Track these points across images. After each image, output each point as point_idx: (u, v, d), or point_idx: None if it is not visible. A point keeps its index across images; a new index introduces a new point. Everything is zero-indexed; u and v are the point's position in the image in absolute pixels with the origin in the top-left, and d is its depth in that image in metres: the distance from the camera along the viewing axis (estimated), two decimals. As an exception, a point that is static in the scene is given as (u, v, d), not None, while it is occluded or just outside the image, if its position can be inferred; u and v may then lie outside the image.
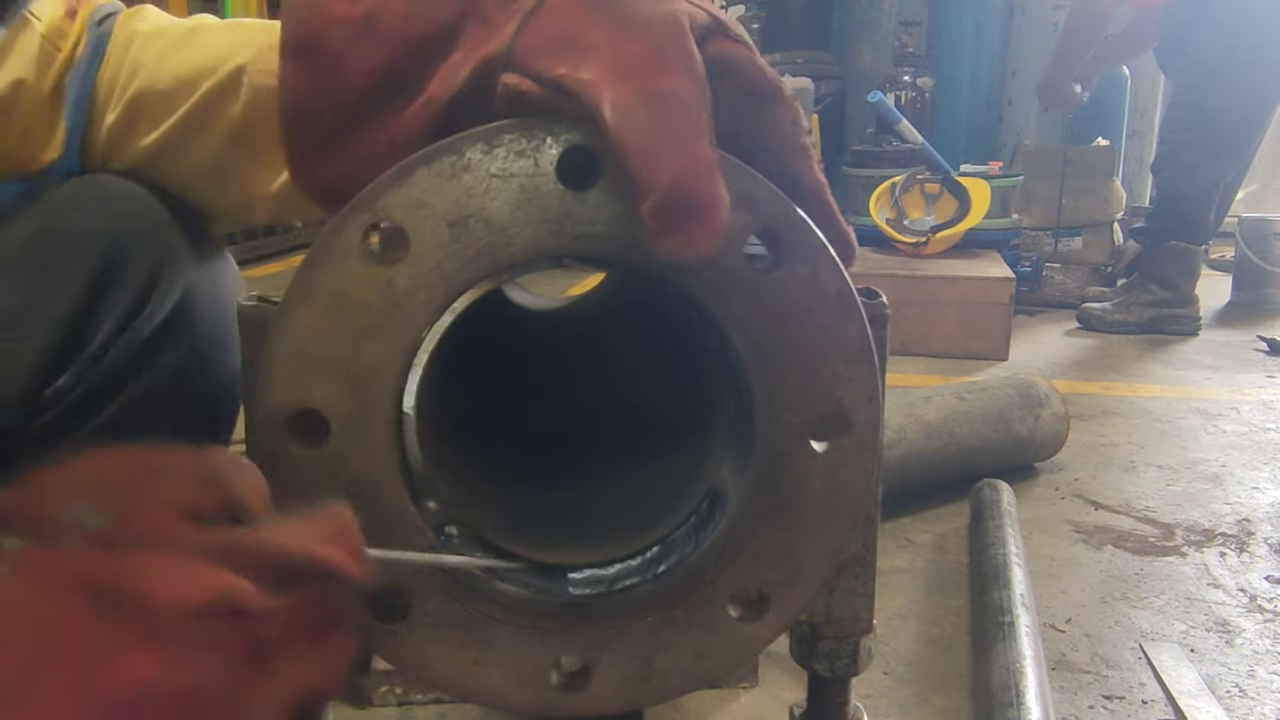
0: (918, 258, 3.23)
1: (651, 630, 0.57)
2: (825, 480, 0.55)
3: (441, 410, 0.62)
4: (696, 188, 0.46)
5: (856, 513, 0.56)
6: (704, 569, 0.56)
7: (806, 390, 0.54)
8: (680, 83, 0.47)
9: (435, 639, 0.55)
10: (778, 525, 0.56)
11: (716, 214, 0.46)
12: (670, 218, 0.46)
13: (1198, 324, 3.29)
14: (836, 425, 0.55)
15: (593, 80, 0.47)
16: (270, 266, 4.16)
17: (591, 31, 0.49)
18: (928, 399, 1.81)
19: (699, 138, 0.46)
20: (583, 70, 0.47)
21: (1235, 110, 3.13)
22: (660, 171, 0.45)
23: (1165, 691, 1.19)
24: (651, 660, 0.57)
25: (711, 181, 0.46)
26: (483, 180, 0.50)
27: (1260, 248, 3.77)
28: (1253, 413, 2.42)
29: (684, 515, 0.59)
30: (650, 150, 0.46)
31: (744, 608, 0.57)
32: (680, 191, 0.45)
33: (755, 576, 0.56)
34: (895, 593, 1.45)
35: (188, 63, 0.74)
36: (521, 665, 0.56)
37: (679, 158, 0.46)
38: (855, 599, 0.67)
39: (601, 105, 0.46)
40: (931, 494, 1.77)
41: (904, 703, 1.18)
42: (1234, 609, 1.42)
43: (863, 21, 4.63)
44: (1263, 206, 5.12)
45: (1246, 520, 1.75)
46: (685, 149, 0.46)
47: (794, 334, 0.53)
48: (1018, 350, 2.95)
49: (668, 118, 0.46)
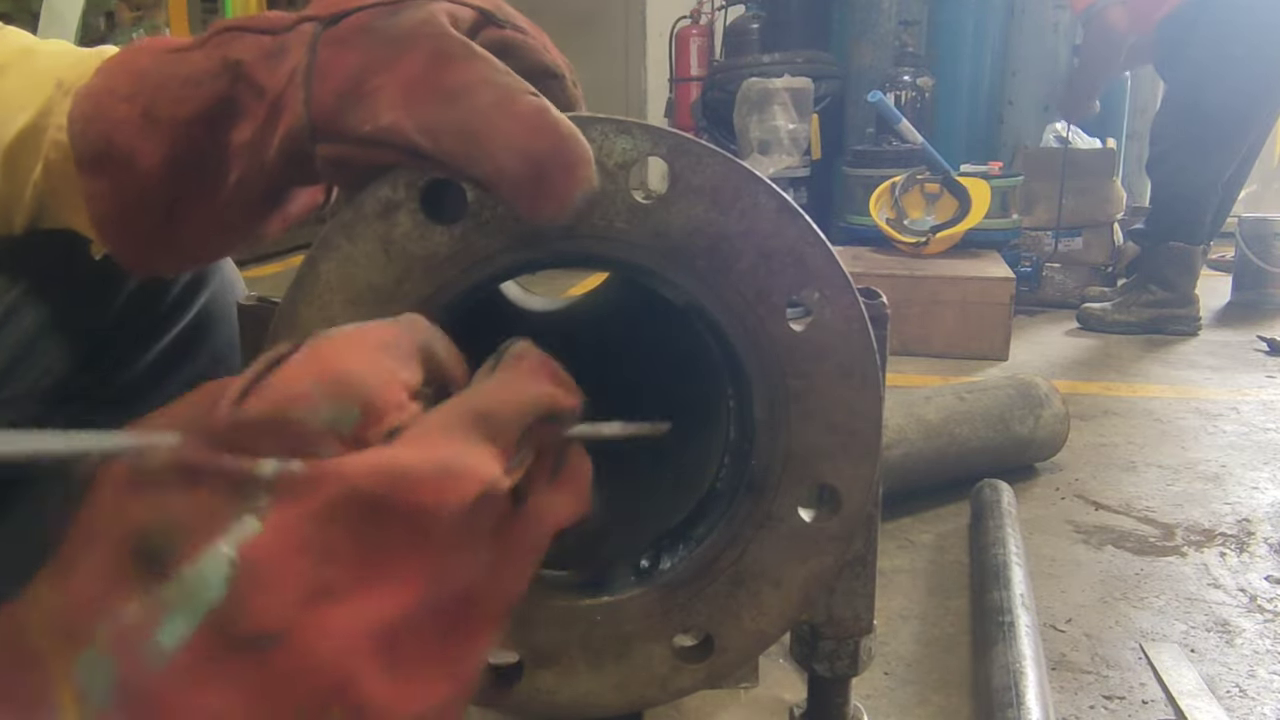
0: (918, 258, 3.23)
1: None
2: (818, 346, 0.54)
3: None
4: (537, 147, 0.45)
5: (872, 364, 0.55)
6: (761, 492, 0.56)
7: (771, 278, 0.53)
8: (469, 69, 0.46)
9: (564, 679, 0.56)
10: (805, 413, 0.55)
11: (565, 155, 0.45)
12: (528, 192, 0.45)
13: (1198, 324, 3.29)
14: (807, 292, 0.54)
15: (393, 120, 0.46)
16: (270, 266, 4.16)
17: (368, 71, 0.47)
18: (928, 399, 1.81)
19: (512, 100, 0.45)
20: (381, 115, 0.46)
21: (1227, 109, 3.13)
22: (495, 158, 0.45)
23: (1165, 691, 1.19)
24: (757, 587, 0.57)
25: (546, 132, 0.45)
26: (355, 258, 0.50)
27: (1260, 248, 3.77)
28: (1253, 413, 2.42)
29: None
30: (474, 146, 0.45)
31: (815, 508, 0.57)
32: (524, 162, 0.45)
33: (813, 472, 0.56)
34: (895, 593, 1.45)
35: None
36: (648, 664, 0.57)
37: (504, 135, 0.45)
38: (855, 599, 0.67)
39: (413, 137, 0.46)
40: (931, 494, 1.77)
41: (904, 703, 1.18)
42: (1234, 609, 1.42)
43: (863, 21, 4.63)
44: (1263, 206, 5.12)
45: (1246, 520, 1.75)
46: (507, 124, 0.45)
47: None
48: (1018, 350, 2.95)
49: (472, 103, 0.45)
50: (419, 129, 0.45)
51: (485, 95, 0.46)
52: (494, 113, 0.45)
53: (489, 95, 0.46)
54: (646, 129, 0.51)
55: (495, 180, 0.45)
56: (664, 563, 0.58)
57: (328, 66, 0.49)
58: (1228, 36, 3.08)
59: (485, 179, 0.46)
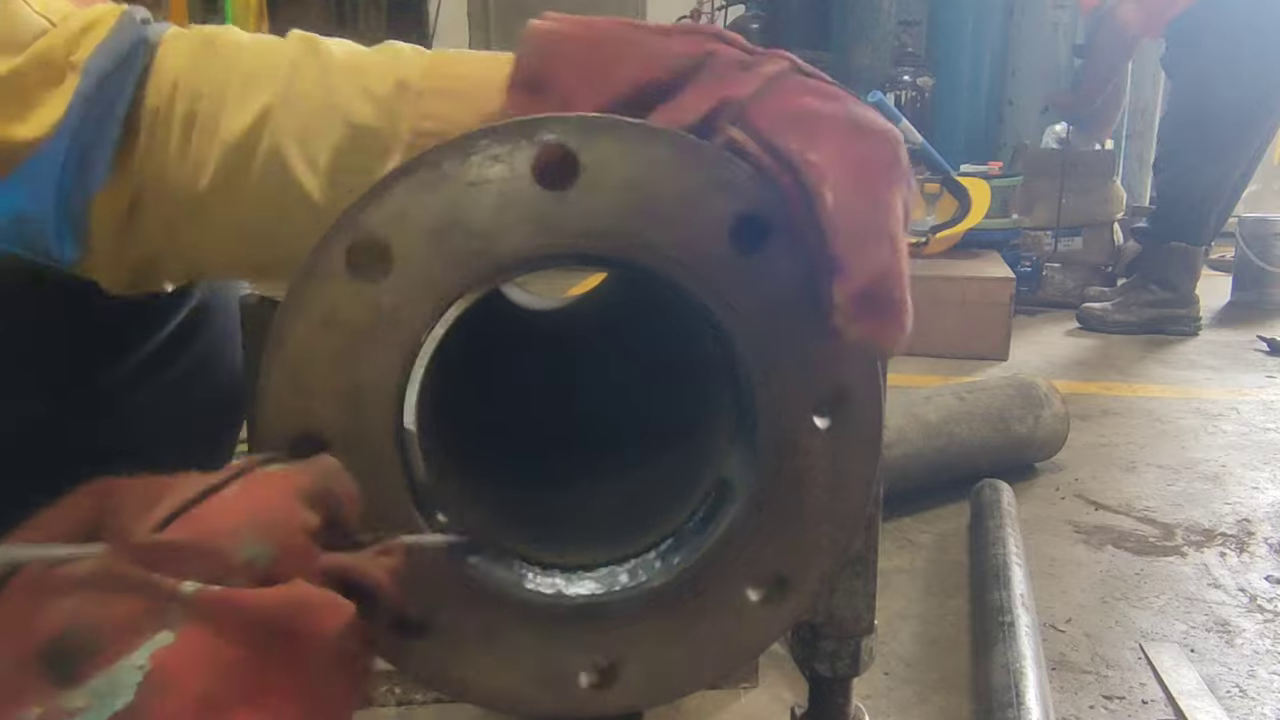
0: (918, 258, 3.23)
1: (674, 622, 0.57)
2: (829, 459, 0.55)
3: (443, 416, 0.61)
4: (895, 288, 0.50)
5: (866, 490, 0.56)
6: (720, 557, 0.56)
7: (805, 371, 0.54)
8: (896, 193, 0.51)
9: (455, 650, 0.55)
10: (789, 507, 0.56)
11: (905, 317, 0.50)
12: (866, 307, 0.50)
13: (1198, 324, 3.29)
14: (837, 402, 0.55)
15: (820, 164, 0.50)
16: (270, 266, 4.16)
17: (826, 122, 0.52)
18: (928, 399, 1.81)
19: (902, 247, 0.51)
20: (812, 152, 0.51)
21: (1236, 109, 3.12)
22: (867, 262, 0.49)
23: (1165, 691, 1.19)
24: (677, 652, 0.57)
25: (906, 288, 0.50)
26: (460, 189, 0.50)
27: (1260, 248, 3.77)
28: (1253, 413, 2.42)
29: (693, 507, 0.59)
30: (862, 241, 0.50)
31: (765, 591, 0.57)
32: (881, 286, 0.49)
33: (772, 560, 0.56)
34: (895, 593, 1.45)
35: (314, 98, 0.58)
36: (545, 668, 0.56)
37: (884, 257, 0.50)
38: (856, 599, 0.67)
39: (823, 187, 0.50)
40: (931, 494, 1.77)
41: (904, 703, 1.18)
42: (1234, 609, 1.42)
43: (862, 21, 4.62)
44: (1263, 206, 5.11)
45: (1246, 520, 1.75)
46: (892, 251, 0.50)
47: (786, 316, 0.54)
48: (1018, 350, 2.95)
49: (884, 220, 0.50)
50: (835, 190, 0.50)
51: (893, 223, 0.51)
52: (889, 239, 0.50)
53: (894, 226, 0.51)
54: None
55: (850, 277, 0.50)
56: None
57: (792, 89, 0.54)
58: (1237, 37, 3.08)
59: (845, 268, 0.50)
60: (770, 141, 0.52)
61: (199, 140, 0.57)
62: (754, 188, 0.52)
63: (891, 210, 0.51)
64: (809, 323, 0.53)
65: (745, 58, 0.56)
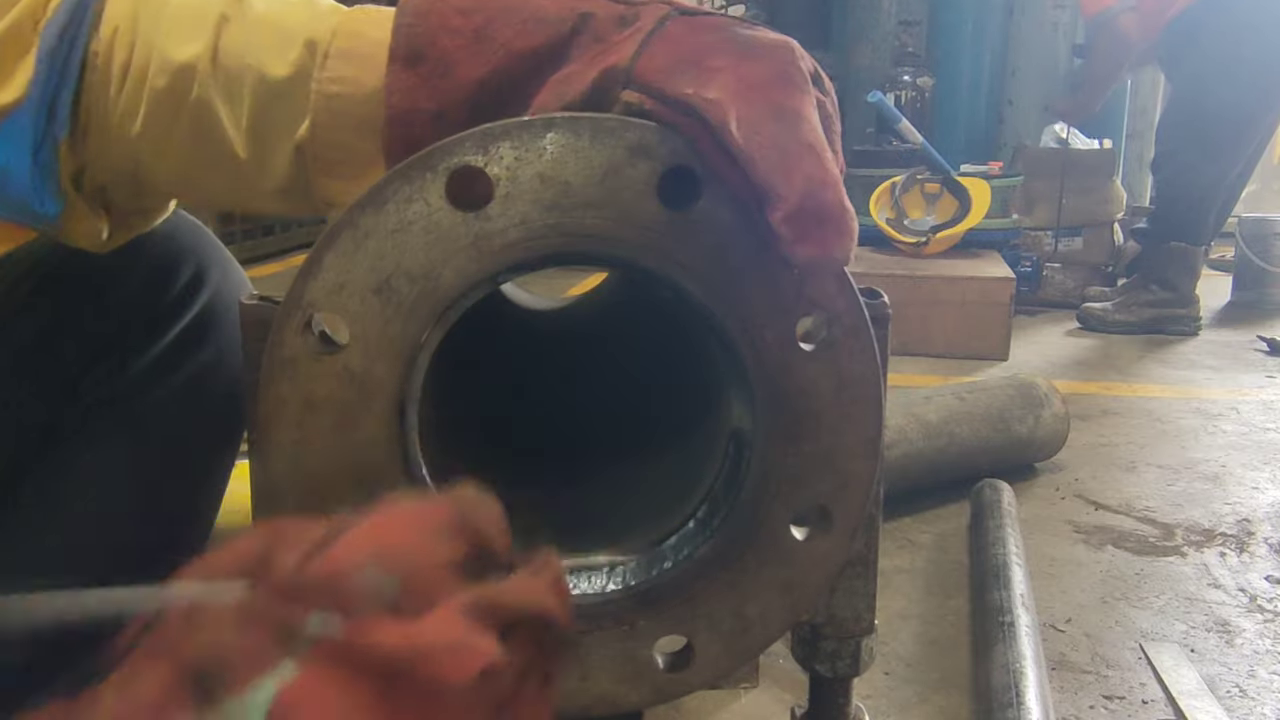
0: (918, 258, 3.23)
1: (731, 583, 0.57)
2: (829, 380, 0.55)
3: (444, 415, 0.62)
4: (828, 197, 0.48)
5: (877, 405, 0.56)
6: (755, 504, 0.56)
7: (776, 302, 0.54)
8: (804, 101, 0.50)
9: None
10: (805, 435, 0.56)
11: (847, 222, 0.48)
12: (805, 226, 0.48)
13: (1198, 324, 3.29)
14: (820, 323, 0.55)
15: (718, 99, 0.49)
16: (270, 266, 4.17)
17: (714, 55, 0.51)
18: (928, 399, 1.81)
19: (824, 151, 0.49)
20: (708, 89, 0.50)
21: (1234, 109, 3.12)
22: (792, 181, 0.47)
23: (1165, 691, 1.19)
24: (743, 611, 0.57)
25: (840, 191, 0.48)
26: (385, 239, 0.51)
27: (1260, 248, 3.77)
28: (1253, 413, 2.42)
29: (715, 469, 0.59)
30: (781, 162, 0.48)
31: (809, 526, 0.57)
32: (813, 200, 0.47)
33: (806, 492, 0.56)
34: (895, 593, 1.45)
35: (236, 55, 0.60)
36: (623, 664, 0.56)
37: (809, 168, 0.48)
38: (856, 599, 0.67)
39: (728, 121, 0.48)
40: (931, 494, 1.77)
41: (904, 703, 1.18)
42: (1234, 609, 1.42)
43: (862, 21, 4.63)
44: (1263, 206, 5.11)
45: (1246, 520, 1.75)
46: (815, 160, 0.48)
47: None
48: (1018, 350, 2.95)
49: (796, 132, 0.48)
50: (740, 120, 0.48)
51: (807, 132, 0.49)
52: (807, 149, 0.48)
53: (810, 134, 0.49)
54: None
55: (779, 201, 0.48)
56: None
57: (674, 35, 0.53)
58: (1235, 37, 3.08)
59: (772, 195, 0.48)
60: (665, 92, 0.51)
61: (130, 88, 0.60)
62: (665, 144, 0.51)
63: (802, 118, 0.49)
64: (765, 256, 0.52)
65: (623, 10, 0.55)
